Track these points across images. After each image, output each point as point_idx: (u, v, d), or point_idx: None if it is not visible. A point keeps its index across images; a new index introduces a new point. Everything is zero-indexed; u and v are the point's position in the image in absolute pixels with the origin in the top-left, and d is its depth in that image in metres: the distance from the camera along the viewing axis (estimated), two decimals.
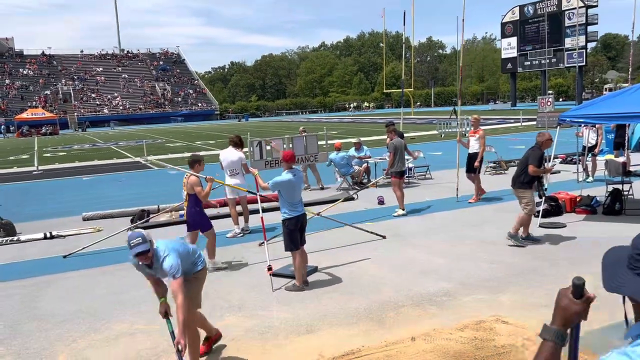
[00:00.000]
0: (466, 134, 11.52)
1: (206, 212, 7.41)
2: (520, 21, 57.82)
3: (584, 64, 53.46)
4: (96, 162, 23.95)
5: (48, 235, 9.67)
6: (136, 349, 4.95)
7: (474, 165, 10.63)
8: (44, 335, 5.41)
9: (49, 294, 6.69)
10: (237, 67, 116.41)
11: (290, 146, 11.07)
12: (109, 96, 79.27)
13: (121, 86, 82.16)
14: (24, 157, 28.62)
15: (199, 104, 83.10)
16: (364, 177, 13.64)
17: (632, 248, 1.35)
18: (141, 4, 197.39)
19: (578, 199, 9.44)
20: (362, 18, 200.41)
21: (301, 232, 6.35)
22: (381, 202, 11.16)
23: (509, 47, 59.77)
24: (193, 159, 7.27)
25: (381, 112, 72.88)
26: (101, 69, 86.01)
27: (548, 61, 54.77)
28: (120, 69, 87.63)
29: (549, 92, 59.52)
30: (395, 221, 9.46)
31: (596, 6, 52.59)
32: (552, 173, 12.16)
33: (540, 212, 8.54)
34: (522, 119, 33.54)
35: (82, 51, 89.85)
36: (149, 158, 11.52)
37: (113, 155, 27.48)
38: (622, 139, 13.06)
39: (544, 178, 9.13)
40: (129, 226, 9.23)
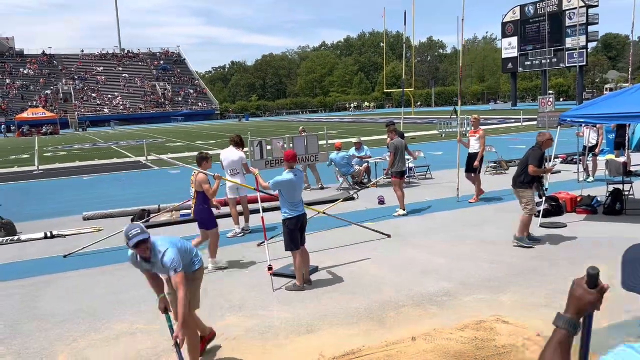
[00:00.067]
0: (467, 134, 11.51)
1: None
2: (521, 21, 57.81)
3: (584, 64, 53.46)
4: (97, 162, 23.98)
5: (48, 235, 9.67)
6: (136, 348, 4.95)
7: (473, 165, 10.63)
8: (44, 335, 5.41)
9: (49, 293, 6.69)
10: (238, 67, 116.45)
11: (291, 146, 11.08)
12: (110, 96, 79.33)
13: (122, 86, 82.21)
14: (24, 156, 28.64)
15: (200, 104, 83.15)
16: (364, 177, 13.63)
17: None
18: (141, 4, 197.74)
19: (579, 199, 9.44)
20: (362, 18, 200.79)
21: (301, 232, 6.36)
22: (382, 202, 11.15)
23: (509, 47, 59.77)
24: (201, 156, 7.32)
25: (382, 112, 72.90)
26: (102, 68, 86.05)
27: (549, 61, 54.80)
28: (120, 68, 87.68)
29: (550, 92, 59.58)
30: (396, 221, 9.46)
31: (597, 6, 52.60)
32: (552, 173, 12.14)
33: (541, 212, 8.54)
34: (523, 119, 33.53)
35: (82, 51, 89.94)
36: (161, 157, 11.55)
37: (114, 155, 27.52)
38: (623, 139, 13.08)
39: (545, 178, 9.12)
40: None
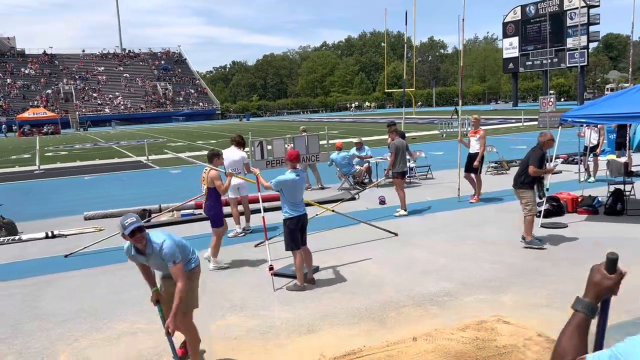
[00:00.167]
0: (467, 134, 11.51)
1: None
2: (522, 21, 57.79)
3: (585, 64, 53.43)
4: (97, 162, 24.00)
5: (49, 234, 9.67)
6: (137, 348, 4.96)
7: (473, 165, 10.63)
8: (45, 334, 5.41)
9: (50, 293, 6.70)
10: (239, 67, 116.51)
11: (292, 146, 11.09)
12: (111, 95, 79.38)
13: (122, 86, 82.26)
14: (25, 156, 28.65)
15: (201, 104, 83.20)
16: (365, 177, 13.63)
17: None
18: (142, 4, 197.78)
19: (580, 199, 9.44)
20: (363, 18, 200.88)
21: (302, 232, 6.36)
22: (382, 202, 11.15)
23: (510, 47, 59.76)
24: (212, 153, 7.39)
25: (382, 112, 72.90)
26: (102, 68, 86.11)
27: (550, 61, 54.78)
28: (121, 68, 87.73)
29: (551, 92, 59.61)
30: (397, 221, 9.46)
31: (598, 6, 52.57)
32: (553, 173, 12.14)
33: (542, 212, 8.53)
34: (524, 119, 33.52)
35: (83, 50, 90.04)
36: (179, 155, 11.61)
37: (114, 154, 27.53)
38: (624, 139, 13.08)
39: (545, 178, 9.11)
40: None
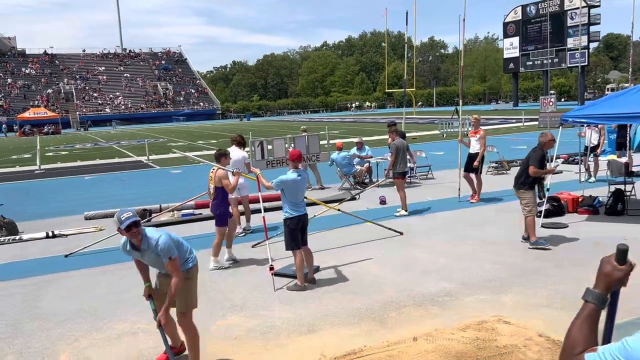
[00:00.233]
0: (467, 134, 11.51)
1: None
2: (522, 21, 57.78)
3: (586, 64, 53.42)
4: (98, 162, 24.00)
5: (50, 234, 9.67)
6: (138, 348, 4.96)
7: (473, 165, 10.62)
8: (45, 334, 5.41)
9: (51, 293, 6.70)
10: (239, 67, 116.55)
11: (293, 146, 11.10)
12: (111, 95, 79.40)
13: (123, 85, 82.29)
14: (26, 156, 28.66)
15: (201, 104, 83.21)
16: (365, 177, 13.63)
17: None
18: (142, 3, 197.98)
19: (580, 199, 9.43)
20: (363, 18, 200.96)
21: (303, 232, 6.36)
22: (383, 202, 11.15)
23: (511, 47, 59.75)
24: (220, 152, 7.41)
25: (383, 112, 72.90)
26: (103, 68, 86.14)
27: (550, 61, 54.78)
28: (122, 68, 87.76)
29: (551, 92, 59.55)
30: (397, 221, 9.45)
31: (598, 6, 52.55)
32: (554, 173, 12.13)
33: (543, 213, 8.53)
34: (524, 119, 33.51)
35: (84, 50, 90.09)
36: (186, 154, 11.67)
37: (115, 154, 27.53)
38: (624, 139, 13.07)
39: (546, 178, 9.11)
40: None
